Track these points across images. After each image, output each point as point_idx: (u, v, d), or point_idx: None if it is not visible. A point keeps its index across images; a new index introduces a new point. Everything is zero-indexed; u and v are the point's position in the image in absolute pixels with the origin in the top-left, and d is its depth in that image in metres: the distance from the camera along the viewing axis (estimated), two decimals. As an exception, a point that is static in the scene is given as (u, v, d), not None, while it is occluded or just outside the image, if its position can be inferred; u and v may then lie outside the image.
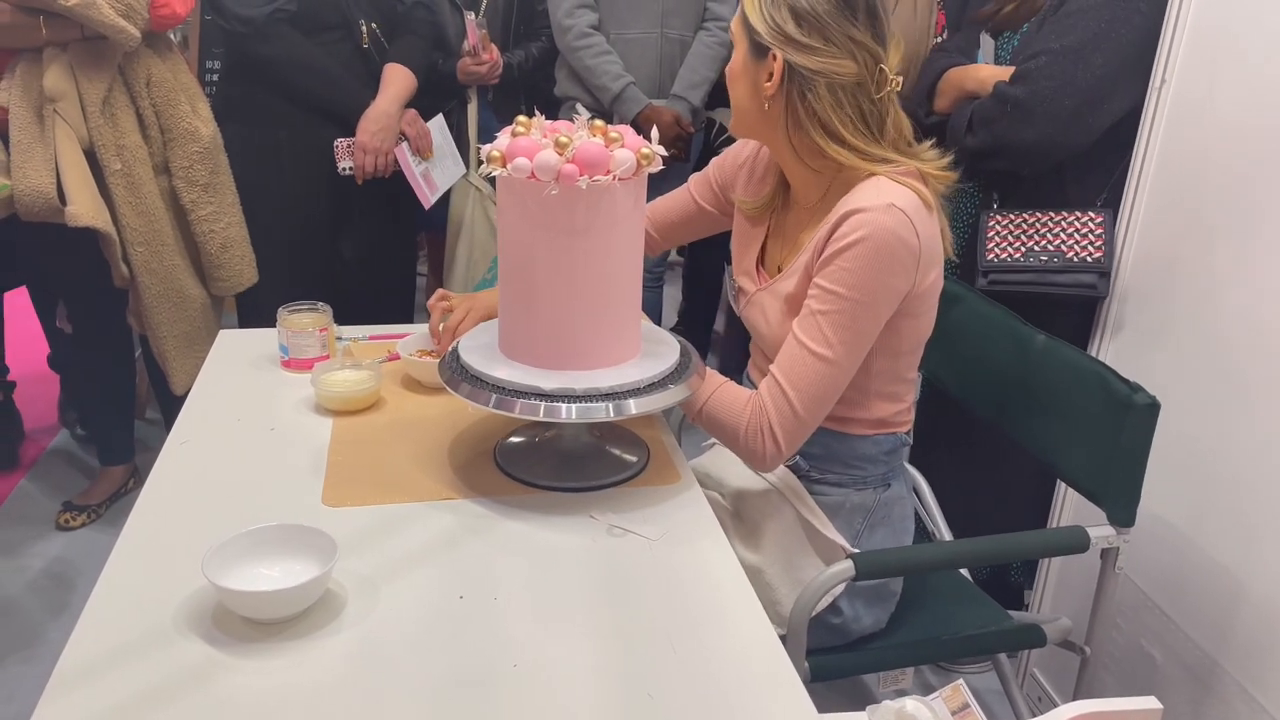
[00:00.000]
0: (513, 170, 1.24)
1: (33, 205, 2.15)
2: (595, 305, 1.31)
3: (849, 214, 1.29)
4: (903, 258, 1.29)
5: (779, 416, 1.35)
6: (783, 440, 1.35)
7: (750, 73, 1.36)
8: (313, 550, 1.13)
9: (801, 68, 1.30)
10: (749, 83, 1.37)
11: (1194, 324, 1.67)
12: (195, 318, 2.46)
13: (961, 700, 1.01)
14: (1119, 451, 1.44)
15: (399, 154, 2.57)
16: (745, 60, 1.37)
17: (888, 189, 1.30)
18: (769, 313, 1.46)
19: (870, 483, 1.51)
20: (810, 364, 1.33)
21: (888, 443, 1.50)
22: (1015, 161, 1.89)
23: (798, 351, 1.34)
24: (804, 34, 1.30)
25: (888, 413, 1.47)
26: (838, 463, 1.49)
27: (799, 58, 1.30)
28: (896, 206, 1.28)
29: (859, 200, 1.30)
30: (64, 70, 2.16)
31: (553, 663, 1.05)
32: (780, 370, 1.35)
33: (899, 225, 1.27)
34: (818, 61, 1.30)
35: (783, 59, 1.31)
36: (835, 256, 1.30)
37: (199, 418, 1.54)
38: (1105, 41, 1.77)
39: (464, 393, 1.31)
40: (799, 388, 1.33)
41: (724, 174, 1.62)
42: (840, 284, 1.30)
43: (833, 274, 1.30)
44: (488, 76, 2.84)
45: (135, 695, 0.98)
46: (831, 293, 1.30)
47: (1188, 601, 1.68)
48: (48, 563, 2.50)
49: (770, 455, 1.37)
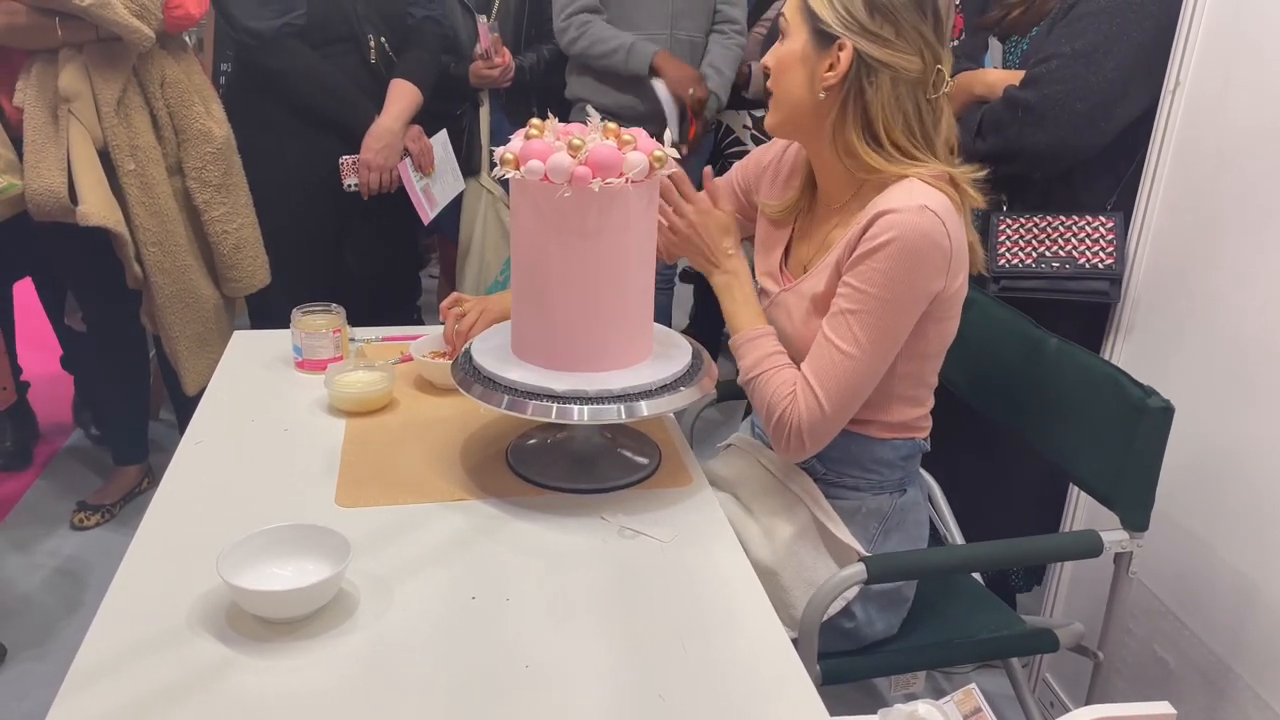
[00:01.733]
0: (526, 173, 1.25)
1: (45, 204, 2.16)
2: (607, 307, 1.31)
3: (881, 214, 1.29)
4: (934, 259, 1.29)
5: (808, 415, 1.35)
6: (808, 439, 1.37)
7: (809, 63, 1.34)
8: (326, 550, 1.13)
9: (871, 58, 1.29)
10: (806, 73, 1.35)
11: (1207, 327, 1.66)
12: (208, 318, 2.47)
13: (974, 704, 1.01)
14: (1132, 455, 1.43)
15: (401, 170, 2.60)
16: (805, 50, 1.34)
17: (920, 191, 1.30)
18: (794, 312, 1.45)
19: (887, 487, 1.51)
20: (838, 363, 1.33)
21: (905, 448, 1.49)
22: (1027, 166, 1.89)
23: (826, 350, 1.34)
24: (877, 24, 1.29)
25: (908, 417, 1.47)
26: (855, 466, 1.49)
27: (870, 47, 1.29)
28: (929, 209, 1.27)
29: (892, 201, 1.29)
30: (79, 71, 2.17)
31: (564, 663, 1.05)
32: (810, 369, 1.36)
33: (932, 227, 1.27)
34: (888, 53, 1.29)
35: (852, 48, 1.30)
36: (867, 256, 1.30)
37: (213, 418, 1.55)
38: (1117, 44, 1.76)
39: (477, 394, 1.31)
40: (827, 387, 1.34)
41: (748, 178, 1.62)
42: (871, 284, 1.30)
43: (863, 273, 1.30)
44: (500, 80, 2.85)
45: (149, 693, 0.98)
46: (862, 292, 1.31)
47: (1201, 606, 1.67)
48: (62, 562, 2.52)
49: (795, 451, 1.39)
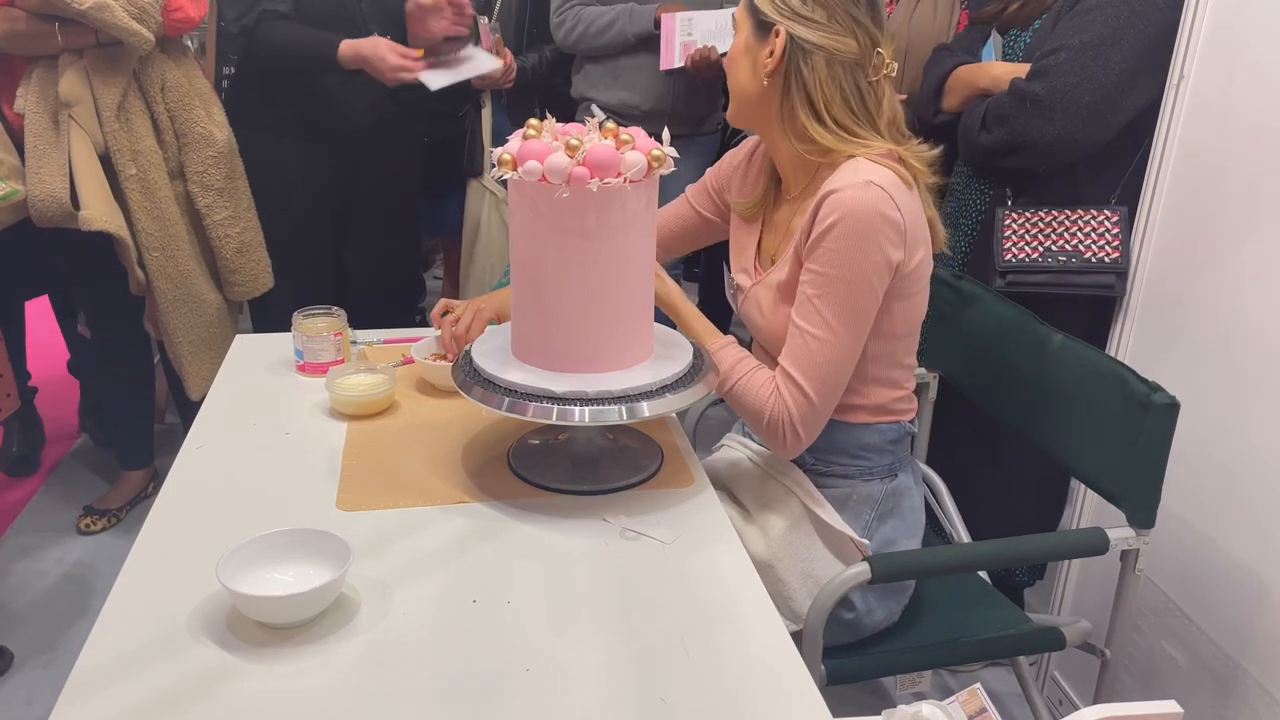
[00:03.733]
0: (524, 173, 1.24)
1: (46, 210, 2.17)
2: (607, 308, 1.31)
3: (827, 195, 1.33)
4: (884, 231, 1.31)
5: (796, 408, 1.38)
6: (803, 431, 1.39)
7: (751, 52, 1.40)
8: (326, 554, 1.13)
9: (803, 41, 1.34)
10: (749, 62, 1.41)
11: (1212, 322, 1.65)
12: (211, 323, 2.47)
13: (979, 704, 1.00)
14: (1138, 452, 1.42)
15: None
16: (747, 42, 1.41)
17: (865, 168, 1.33)
18: (763, 304, 1.48)
19: (876, 473, 1.51)
20: (814, 349, 1.35)
21: (891, 431, 1.50)
22: (1033, 158, 1.88)
23: (800, 339, 1.37)
24: (808, 9, 1.34)
25: (887, 399, 1.48)
26: (842, 454, 1.50)
27: (802, 30, 1.34)
28: (874, 183, 1.31)
29: (837, 181, 1.33)
30: (79, 76, 2.17)
31: (566, 666, 1.04)
32: (788, 361, 1.38)
33: (878, 200, 1.30)
34: (820, 35, 1.34)
35: (785, 32, 1.35)
36: (821, 239, 1.33)
37: (215, 422, 1.55)
38: (1124, 37, 1.76)
39: (477, 396, 1.31)
40: (808, 375, 1.36)
41: (720, 179, 1.65)
42: (829, 265, 1.33)
43: (820, 256, 1.33)
44: (502, 80, 2.84)
45: (150, 699, 0.98)
46: (822, 275, 1.33)
47: (1209, 603, 1.66)
48: (68, 567, 2.52)
49: (791, 446, 1.41)
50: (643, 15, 2.69)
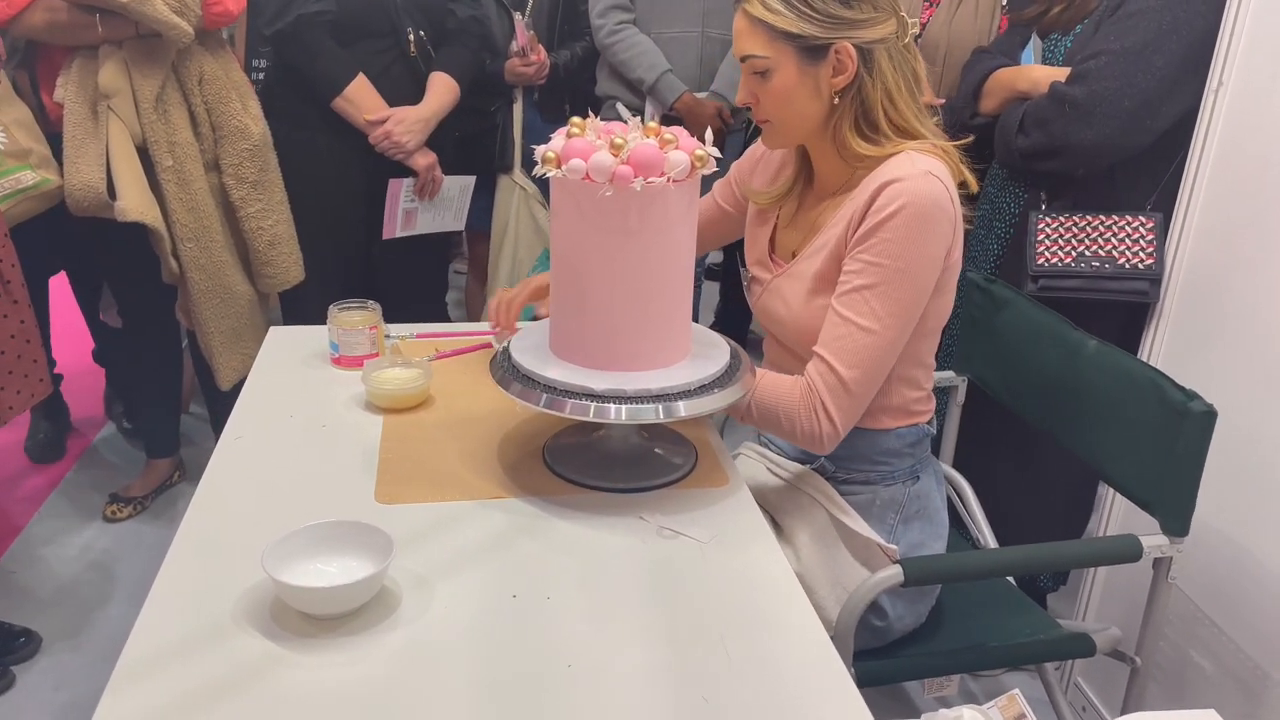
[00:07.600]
0: (567, 171, 1.25)
1: (83, 200, 2.18)
2: (647, 307, 1.31)
3: (887, 184, 1.30)
4: (942, 224, 1.31)
5: (831, 395, 1.35)
6: (838, 418, 1.36)
7: (810, 79, 1.34)
8: (369, 547, 1.14)
9: (866, 43, 1.31)
10: (809, 90, 1.35)
11: (1248, 329, 1.65)
12: (242, 314, 2.48)
13: (1018, 710, 1.01)
14: (1173, 460, 1.42)
15: (392, 184, 2.56)
16: (798, 73, 1.34)
17: (921, 159, 1.32)
18: (789, 296, 1.46)
19: (898, 477, 1.51)
20: (858, 339, 1.33)
21: (911, 435, 1.49)
22: (1071, 162, 1.87)
23: (843, 328, 1.34)
24: (854, 11, 1.31)
25: (908, 399, 1.47)
26: (864, 460, 1.49)
27: (865, 34, 1.31)
28: (933, 174, 1.30)
29: (894, 171, 1.31)
30: (119, 67, 2.19)
31: (607, 664, 1.05)
32: (826, 349, 1.35)
33: (938, 192, 1.30)
34: (879, 30, 1.31)
35: (849, 45, 1.31)
36: (877, 229, 1.31)
37: (252, 413, 1.56)
38: (1166, 43, 1.75)
39: (515, 392, 1.32)
40: (848, 364, 1.34)
41: (742, 173, 1.64)
42: (885, 255, 1.30)
43: (875, 246, 1.31)
44: (535, 77, 2.85)
45: (197, 687, 0.99)
46: (876, 265, 1.31)
47: (1238, 611, 1.66)
48: (95, 554, 2.54)
49: (827, 435, 1.37)
50: (666, 94, 2.77)
